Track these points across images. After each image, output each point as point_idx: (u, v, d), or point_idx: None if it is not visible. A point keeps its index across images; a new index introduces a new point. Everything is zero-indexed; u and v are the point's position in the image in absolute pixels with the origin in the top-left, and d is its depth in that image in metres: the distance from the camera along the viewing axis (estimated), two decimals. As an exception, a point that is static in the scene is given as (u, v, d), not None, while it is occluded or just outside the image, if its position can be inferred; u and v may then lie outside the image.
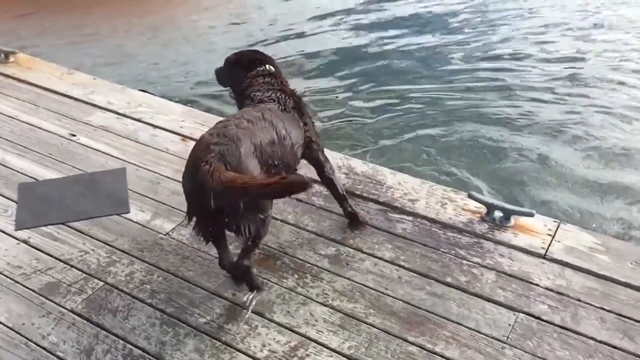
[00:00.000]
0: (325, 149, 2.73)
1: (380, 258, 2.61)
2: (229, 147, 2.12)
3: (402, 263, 2.59)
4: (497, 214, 2.83)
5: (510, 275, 2.53)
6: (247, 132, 2.22)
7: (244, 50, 2.84)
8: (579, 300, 2.40)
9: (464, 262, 2.60)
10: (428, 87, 5.94)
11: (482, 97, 5.72)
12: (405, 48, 6.90)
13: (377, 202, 2.96)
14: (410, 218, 2.86)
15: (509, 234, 2.75)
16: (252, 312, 2.32)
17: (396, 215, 2.88)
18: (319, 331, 2.25)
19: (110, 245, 2.67)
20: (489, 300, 2.40)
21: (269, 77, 2.61)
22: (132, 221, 2.82)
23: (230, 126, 2.22)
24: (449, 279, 2.50)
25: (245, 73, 2.64)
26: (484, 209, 2.86)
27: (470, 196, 2.90)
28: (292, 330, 2.26)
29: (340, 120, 5.30)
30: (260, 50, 2.85)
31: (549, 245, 2.68)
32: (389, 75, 6.25)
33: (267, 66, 2.66)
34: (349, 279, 2.50)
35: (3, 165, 3.19)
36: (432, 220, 2.84)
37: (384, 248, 2.67)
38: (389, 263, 2.59)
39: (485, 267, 2.57)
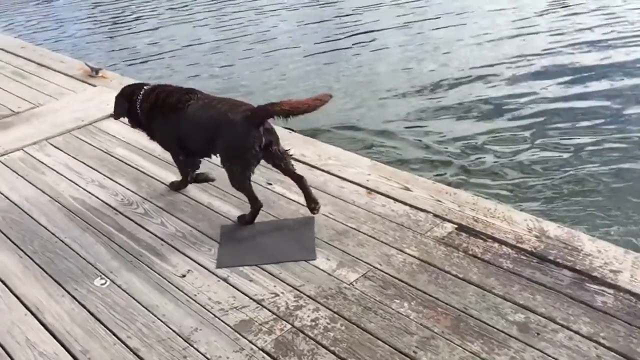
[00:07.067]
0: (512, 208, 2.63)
1: (576, 332, 2.40)
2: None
3: (601, 340, 2.35)
4: None
5: None
6: None
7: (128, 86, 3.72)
8: None
9: (679, 347, 2.28)
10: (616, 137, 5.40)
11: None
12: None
13: (572, 269, 2.74)
14: (611, 291, 2.60)
15: None
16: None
17: (595, 286, 2.64)
18: (506, 404, 2.12)
19: (298, 290, 2.80)
20: None
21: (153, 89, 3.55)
22: (319, 268, 2.94)
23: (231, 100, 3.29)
24: (659, 365, 2.21)
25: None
26: None
27: (686, 272, 2.56)
28: (476, 399, 2.16)
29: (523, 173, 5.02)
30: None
31: None
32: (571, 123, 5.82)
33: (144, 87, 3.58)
34: (540, 350, 2.33)
35: (209, 208, 3.55)
36: (639, 296, 2.56)
37: (580, 321, 2.45)
38: (586, 338, 2.37)
39: None
